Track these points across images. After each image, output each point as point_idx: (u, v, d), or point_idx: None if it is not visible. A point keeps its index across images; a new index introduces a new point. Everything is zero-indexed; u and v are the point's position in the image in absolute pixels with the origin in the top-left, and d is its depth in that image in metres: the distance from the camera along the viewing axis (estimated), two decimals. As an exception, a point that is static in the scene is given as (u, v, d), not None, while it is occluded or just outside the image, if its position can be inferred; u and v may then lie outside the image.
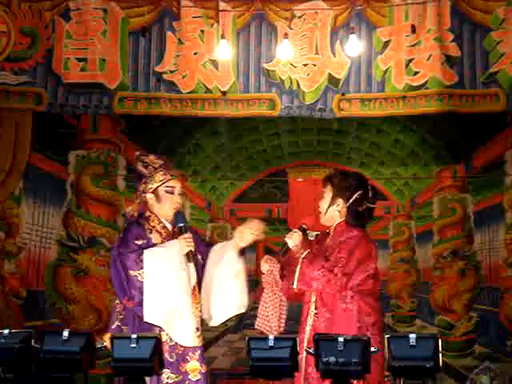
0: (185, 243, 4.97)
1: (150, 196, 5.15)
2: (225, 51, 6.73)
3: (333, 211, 5.20)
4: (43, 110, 7.03)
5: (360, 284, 5.01)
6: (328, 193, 5.22)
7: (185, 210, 5.32)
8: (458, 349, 7.91)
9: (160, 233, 5.13)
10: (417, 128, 8.08)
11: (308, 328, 5.05)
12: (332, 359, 3.96)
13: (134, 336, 4.13)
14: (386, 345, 4.05)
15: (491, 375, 7.02)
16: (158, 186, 5.14)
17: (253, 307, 8.08)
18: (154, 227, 5.14)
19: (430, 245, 8.15)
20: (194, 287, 5.09)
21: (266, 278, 5.24)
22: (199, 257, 5.20)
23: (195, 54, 6.90)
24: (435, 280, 8.10)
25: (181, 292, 4.94)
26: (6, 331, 4.25)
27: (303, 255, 5.04)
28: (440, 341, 4.03)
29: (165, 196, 5.14)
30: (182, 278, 4.96)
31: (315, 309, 5.06)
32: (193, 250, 4.99)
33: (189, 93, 6.91)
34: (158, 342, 4.17)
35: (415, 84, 6.74)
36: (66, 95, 6.95)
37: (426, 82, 6.72)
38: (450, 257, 8.09)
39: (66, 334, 4.15)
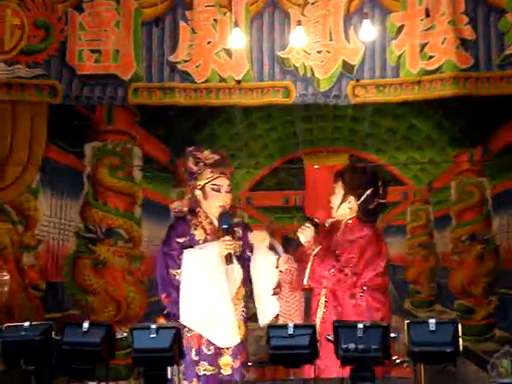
0: (224, 245, 4.98)
1: (198, 192, 5.18)
2: (238, 40, 6.72)
3: (344, 207, 5.20)
4: (58, 102, 7.05)
5: (369, 281, 5.02)
6: (339, 189, 5.22)
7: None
8: (478, 333, 7.88)
9: (205, 229, 5.15)
10: (432, 112, 8.03)
11: (318, 319, 5.05)
12: (352, 346, 3.96)
13: (154, 326, 4.15)
14: (406, 330, 4.04)
15: (512, 359, 6.99)
16: (205, 183, 5.16)
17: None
18: (200, 223, 5.17)
19: (448, 229, 8.12)
20: (239, 287, 5.12)
21: (285, 277, 5.23)
22: (248, 252, 5.21)
23: (209, 43, 6.90)
24: (454, 264, 8.07)
25: (217, 294, 4.97)
26: (27, 324, 4.28)
27: (314, 252, 5.04)
28: (460, 325, 4.03)
29: (211, 194, 5.15)
30: (219, 279, 4.98)
31: (325, 301, 5.07)
32: (232, 252, 5.00)
33: (203, 82, 6.91)
34: (178, 332, 4.19)
35: (430, 68, 6.71)
36: (80, 87, 6.97)
37: (440, 66, 6.69)
38: (469, 241, 8.05)
39: (86, 325, 4.17)
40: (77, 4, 6.97)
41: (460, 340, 4.00)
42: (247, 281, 5.17)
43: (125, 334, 4.35)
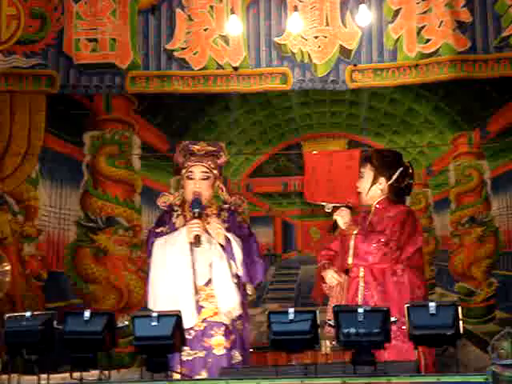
0: (191, 229, 5.01)
1: (182, 183, 5.27)
2: (235, 26, 6.71)
3: (375, 190, 5.26)
4: (56, 91, 7.04)
5: (410, 257, 5.09)
6: (368, 172, 5.27)
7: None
8: (479, 315, 7.91)
9: (185, 216, 5.21)
10: (430, 96, 8.03)
11: (359, 303, 5.07)
12: (352, 330, 3.97)
13: (155, 314, 4.17)
14: (406, 314, 4.06)
15: (512, 340, 7.01)
16: (184, 173, 5.23)
17: (272, 281, 8.14)
18: (183, 212, 5.23)
19: (447, 212, 8.13)
20: (210, 264, 5.12)
21: (335, 289, 5.24)
22: (238, 232, 5.22)
23: (205, 30, 6.89)
24: (454, 247, 8.08)
25: (180, 277, 5.01)
26: (28, 313, 4.29)
27: (355, 231, 5.06)
28: (460, 308, 4.04)
29: (186, 182, 5.21)
30: (184, 263, 5.03)
31: (365, 283, 5.09)
32: (200, 234, 5.01)
33: (200, 69, 6.90)
34: (179, 319, 4.20)
35: (427, 51, 6.71)
36: (77, 76, 6.96)
37: (438, 49, 6.68)
38: (468, 223, 8.06)
39: (87, 314, 4.18)
40: (73, -7, 6.95)
41: (460, 323, 4.01)
42: (241, 263, 5.16)
43: (126, 323, 4.36)
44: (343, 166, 7.87)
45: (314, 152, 8.17)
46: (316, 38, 6.78)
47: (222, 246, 5.12)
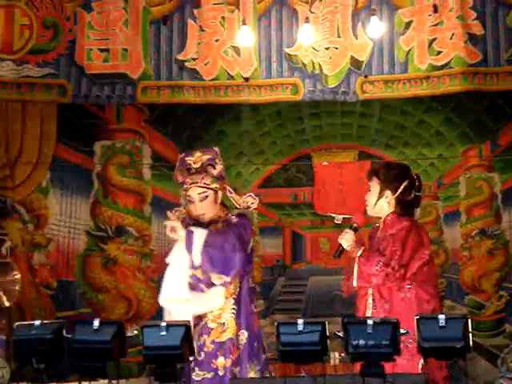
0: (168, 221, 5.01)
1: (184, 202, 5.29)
2: (246, 37, 6.73)
3: (382, 203, 5.23)
4: (67, 101, 7.07)
5: (416, 272, 5.04)
6: (375, 186, 5.24)
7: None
8: (489, 328, 7.88)
9: None
10: (441, 108, 8.03)
11: None
12: (361, 342, 3.96)
13: (164, 324, 4.17)
14: (416, 326, 4.05)
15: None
16: (184, 195, 5.18)
17: (281, 292, 8.14)
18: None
19: (457, 225, 8.12)
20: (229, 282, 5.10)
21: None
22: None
23: (217, 40, 6.91)
24: (464, 260, 8.06)
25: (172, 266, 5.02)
26: (38, 322, 4.30)
27: (359, 253, 5.06)
28: (470, 321, 4.03)
29: (188, 205, 5.13)
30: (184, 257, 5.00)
31: (372, 301, 5.09)
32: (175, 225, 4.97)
33: (211, 80, 6.92)
34: (188, 329, 4.20)
35: (438, 64, 6.71)
36: (89, 86, 6.99)
37: (449, 62, 6.68)
38: (479, 236, 8.04)
39: (96, 323, 4.18)
40: (85, 3, 6.99)
41: (470, 335, 4.00)
42: (241, 276, 5.11)
43: (135, 332, 4.36)
44: (353, 178, 7.87)
45: (325, 163, 8.18)
46: (327, 49, 6.80)
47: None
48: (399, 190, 5.19)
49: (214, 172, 5.11)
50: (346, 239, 5.12)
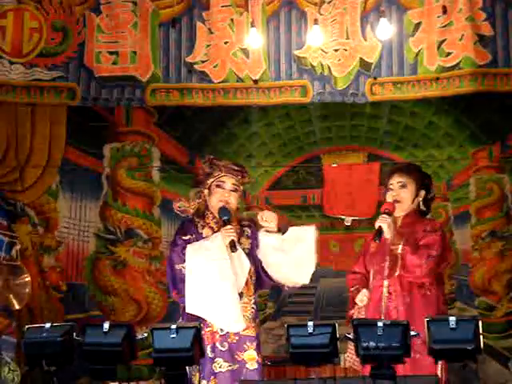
0: (226, 234, 5.00)
1: (206, 192, 5.25)
2: (255, 39, 6.72)
3: (417, 201, 5.28)
4: (77, 104, 7.08)
5: (440, 272, 5.15)
6: (411, 184, 5.28)
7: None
8: (500, 330, 7.86)
9: (212, 228, 5.20)
10: (451, 109, 8.01)
11: (382, 316, 5.05)
12: (372, 344, 3.95)
13: (174, 326, 4.16)
14: (426, 328, 4.04)
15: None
16: (212, 182, 5.22)
17: (291, 294, 8.12)
18: (208, 223, 5.22)
19: (467, 226, 8.09)
20: (249, 283, 5.12)
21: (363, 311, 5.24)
22: (257, 251, 5.23)
23: (226, 43, 6.91)
24: (474, 261, 8.04)
25: (221, 281, 4.97)
26: (48, 325, 4.30)
27: (402, 243, 5.08)
28: (480, 323, 4.01)
29: (215, 190, 5.20)
30: (224, 267, 4.98)
31: (388, 293, 5.08)
32: (235, 239, 5.00)
33: (220, 82, 6.92)
34: (198, 331, 4.19)
35: (448, 65, 6.69)
36: (98, 89, 7.00)
37: (458, 63, 6.66)
38: (489, 238, 8.02)
39: (106, 326, 4.18)
40: (94, 6, 7.00)
41: (481, 337, 3.98)
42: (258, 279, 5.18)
43: (145, 335, 4.36)
44: (363, 180, 7.87)
45: (334, 165, 8.17)
46: (336, 50, 6.79)
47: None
48: (431, 190, 5.32)
49: (243, 180, 5.29)
50: (388, 223, 5.10)
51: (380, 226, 5.09)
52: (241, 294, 5.07)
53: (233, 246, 4.98)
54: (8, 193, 7.65)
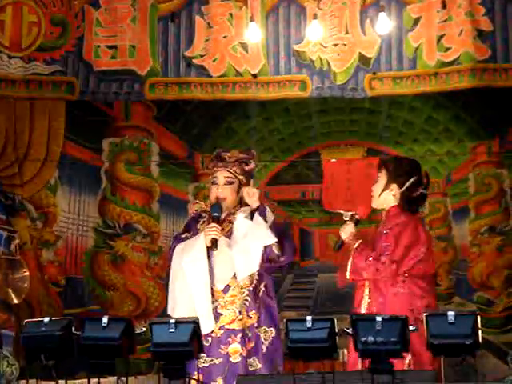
0: (207, 232, 5.02)
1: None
2: (254, 34, 6.72)
3: (386, 196, 5.24)
4: (75, 98, 7.08)
5: (410, 269, 5.04)
6: (382, 177, 5.26)
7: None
8: (498, 325, 7.86)
9: (209, 222, 5.19)
10: (450, 104, 7.99)
11: (364, 311, 5.06)
12: (370, 339, 3.96)
13: (173, 321, 4.17)
14: (425, 323, 4.04)
15: (532, 351, 6.97)
16: (210, 179, 5.29)
17: (290, 289, 8.13)
18: (208, 219, 5.23)
19: (466, 221, 8.09)
20: (231, 269, 5.11)
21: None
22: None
23: (225, 37, 6.91)
24: (473, 257, 8.04)
25: (196, 281, 5.01)
26: (47, 319, 4.30)
27: (355, 246, 5.07)
28: (479, 318, 4.02)
29: (211, 187, 5.25)
30: (200, 267, 5.02)
31: (369, 292, 5.09)
32: (217, 237, 5.01)
33: (219, 76, 6.93)
34: (197, 326, 4.20)
35: (447, 60, 6.70)
36: (97, 83, 7.00)
37: (457, 58, 6.67)
38: (488, 233, 8.01)
39: (105, 320, 4.19)
40: (93, 0, 6.99)
41: (479, 332, 3.99)
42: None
43: (144, 329, 4.37)
44: (362, 174, 7.85)
45: (333, 160, 8.16)
46: (335, 45, 6.79)
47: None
48: (406, 185, 5.20)
49: (245, 167, 5.25)
50: (345, 231, 5.15)
51: (340, 235, 5.16)
52: (227, 288, 5.09)
53: (213, 245, 5.00)
54: (7, 187, 7.64)
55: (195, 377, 4.83)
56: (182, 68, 6.96)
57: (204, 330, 4.89)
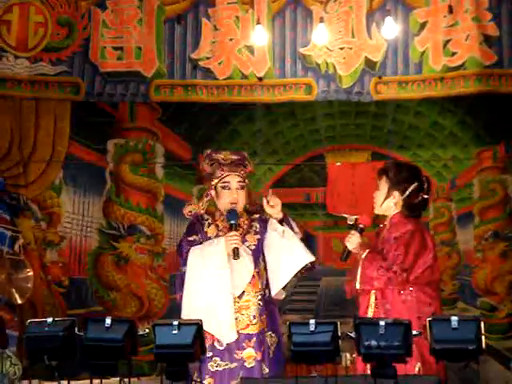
0: (229, 241, 4.99)
1: (213, 193, 5.23)
2: (260, 37, 6.73)
3: (388, 203, 5.22)
4: (81, 99, 7.09)
5: (419, 277, 5.02)
6: (383, 185, 5.23)
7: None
8: (502, 331, 7.85)
9: (218, 226, 5.20)
10: (455, 109, 7.99)
11: None
12: (373, 343, 3.95)
13: (176, 322, 4.16)
14: (428, 328, 4.03)
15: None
16: (216, 183, 5.20)
17: (293, 292, 8.13)
18: (215, 221, 5.22)
19: (470, 227, 8.08)
20: (253, 276, 5.10)
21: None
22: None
23: (231, 40, 6.91)
24: (477, 262, 8.03)
25: (219, 291, 4.97)
26: (50, 319, 4.30)
27: (363, 256, 5.05)
28: (482, 323, 4.01)
29: (222, 192, 5.18)
30: (222, 277, 4.99)
31: (375, 299, 5.08)
32: (238, 247, 4.99)
33: (225, 79, 6.93)
34: (200, 328, 4.19)
35: (453, 65, 6.70)
36: (103, 84, 7.01)
37: (464, 63, 6.66)
38: (492, 238, 8.00)
39: (108, 321, 4.19)
40: (99, 1, 7.01)
41: (483, 338, 3.98)
42: (265, 272, 5.17)
43: (147, 331, 4.36)
44: (366, 178, 7.84)
45: (338, 163, 8.16)
46: (341, 49, 6.79)
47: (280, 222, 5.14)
48: (407, 192, 5.18)
49: (247, 170, 5.26)
50: (351, 242, 5.11)
51: (345, 245, 5.13)
52: (242, 293, 5.08)
53: (235, 254, 4.98)
54: (11, 187, 7.65)
55: (206, 381, 4.86)
56: (187, 70, 6.97)
57: (226, 340, 4.93)
